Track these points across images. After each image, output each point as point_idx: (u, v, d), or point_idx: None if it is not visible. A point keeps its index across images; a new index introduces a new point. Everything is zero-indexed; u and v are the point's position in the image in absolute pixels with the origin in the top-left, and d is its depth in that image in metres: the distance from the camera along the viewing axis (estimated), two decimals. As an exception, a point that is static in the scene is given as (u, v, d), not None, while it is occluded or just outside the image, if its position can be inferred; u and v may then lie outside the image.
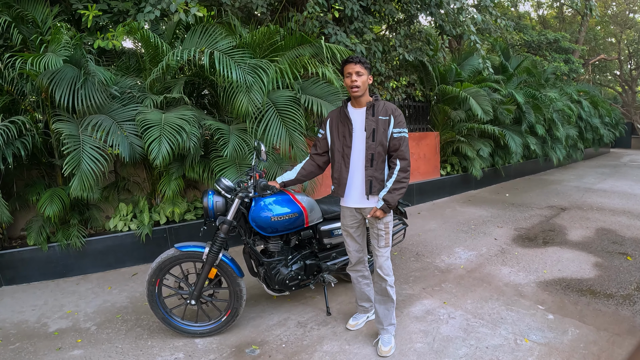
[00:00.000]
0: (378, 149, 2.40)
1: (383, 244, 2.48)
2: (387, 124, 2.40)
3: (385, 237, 2.47)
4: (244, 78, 3.68)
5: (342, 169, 2.48)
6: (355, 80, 2.34)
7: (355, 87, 2.35)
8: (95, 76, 3.51)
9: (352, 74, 2.35)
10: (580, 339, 2.68)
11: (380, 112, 2.40)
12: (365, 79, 2.37)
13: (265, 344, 2.67)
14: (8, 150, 3.41)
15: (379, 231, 2.46)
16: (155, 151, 3.42)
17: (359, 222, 2.59)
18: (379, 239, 2.48)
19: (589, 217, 5.83)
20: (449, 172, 7.79)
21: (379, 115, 2.40)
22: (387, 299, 2.55)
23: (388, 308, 2.58)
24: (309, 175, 2.70)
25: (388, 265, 2.51)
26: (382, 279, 2.51)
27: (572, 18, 17.77)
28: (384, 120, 2.39)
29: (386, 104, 2.45)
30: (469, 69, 7.85)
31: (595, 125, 12.08)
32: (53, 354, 2.65)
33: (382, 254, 2.49)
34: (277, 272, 2.79)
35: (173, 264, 2.62)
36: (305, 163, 2.70)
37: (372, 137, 2.38)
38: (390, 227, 2.49)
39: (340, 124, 2.49)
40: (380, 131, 2.39)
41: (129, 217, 4.29)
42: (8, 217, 3.53)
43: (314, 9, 4.66)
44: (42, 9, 3.95)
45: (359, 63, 2.35)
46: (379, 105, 2.42)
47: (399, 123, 2.41)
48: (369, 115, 2.40)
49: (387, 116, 2.40)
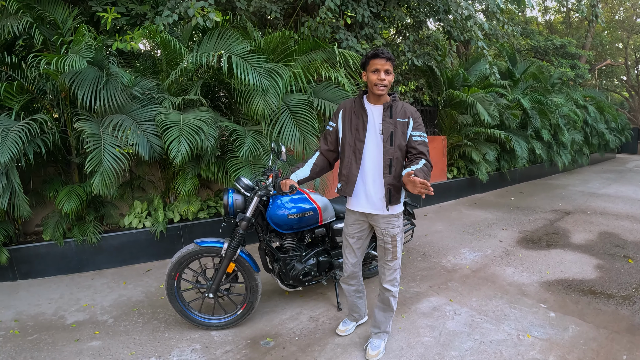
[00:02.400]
0: (397, 155, 2.23)
1: (390, 258, 2.36)
2: (405, 127, 2.23)
3: (392, 251, 2.35)
4: (260, 81, 3.80)
5: (352, 165, 2.29)
6: (384, 78, 2.15)
7: (383, 85, 2.17)
8: (118, 77, 3.64)
9: (381, 71, 2.15)
10: (580, 336, 2.78)
11: (399, 113, 2.23)
12: (391, 79, 2.19)
13: (279, 337, 2.78)
14: (29, 147, 3.52)
15: (386, 244, 2.34)
16: (175, 150, 3.54)
17: (362, 232, 2.45)
18: (385, 252, 2.36)
19: (592, 221, 5.91)
20: (456, 176, 7.88)
21: (397, 117, 2.22)
22: (388, 307, 2.48)
23: (387, 316, 2.52)
24: (320, 172, 2.52)
25: (396, 276, 2.40)
26: (386, 290, 2.42)
27: (579, 23, 17.83)
28: (402, 122, 2.23)
29: (405, 105, 2.29)
30: (476, 74, 7.94)
31: (601, 130, 12.12)
32: (72, 345, 2.73)
33: (390, 267, 2.38)
34: (292, 267, 2.90)
35: (192, 259, 2.73)
36: (317, 159, 2.51)
37: (389, 141, 2.20)
38: (398, 240, 2.35)
39: (354, 115, 2.30)
40: (399, 134, 2.22)
41: (143, 214, 4.41)
42: (28, 212, 3.64)
43: (326, 14, 4.79)
44: (62, 11, 4.06)
45: (390, 60, 2.15)
46: (397, 107, 2.25)
47: (418, 126, 2.25)
48: (386, 117, 2.22)
49: (405, 118, 2.23)
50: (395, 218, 2.34)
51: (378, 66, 2.15)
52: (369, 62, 2.19)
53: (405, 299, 3.34)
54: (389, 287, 2.41)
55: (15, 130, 3.35)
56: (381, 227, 2.33)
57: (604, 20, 8.15)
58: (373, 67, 2.16)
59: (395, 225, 2.34)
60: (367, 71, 2.21)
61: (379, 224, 2.34)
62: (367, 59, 2.20)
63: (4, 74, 3.89)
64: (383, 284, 2.44)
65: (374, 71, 2.16)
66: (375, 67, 2.16)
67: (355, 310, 2.80)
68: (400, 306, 3.20)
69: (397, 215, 2.35)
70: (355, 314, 2.82)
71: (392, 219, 2.33)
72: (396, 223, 2.34)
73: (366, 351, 2.52)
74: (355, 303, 2.75)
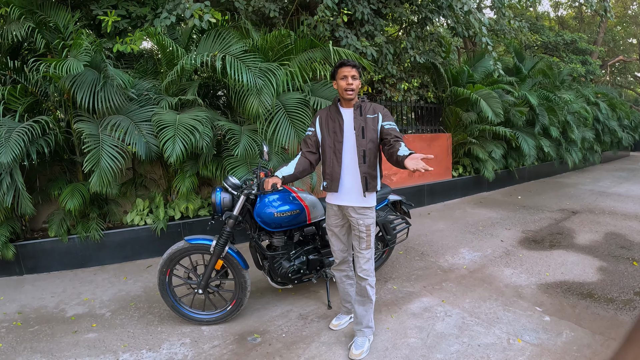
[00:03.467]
0: (369, 146, 2.41)
1: (364, 246, 2.50)
2: (375, 121, 2.42)
3: (366, 240, 2.48)
4: (254, 81, 3.84)
5: (334, 164, 2.47)
6: (351, 83, 2.37)
7: (351, 90, 2.38)
8: (114, 80, 3.72)
9: (349, 77, 2.37)
10: (574, 342, 2.70)
11: (368, 111, 2.44)
12: (358, 83, 2.41)
13: (266, 333, 2.82)
14: (32, 147, 3.64)
15: (360, 233, 2.48)
16: (169, 150, 3.62)
17: (342, 222, 2.60)
18: (360, 241, 2.50)
19: (599, 221, 5.79)
20: (461, 174, 7.80)
21: (366, 114, 2.43)
22: (366, 299, 2.56)
23: (366, 309, 2.58)
24: (303, 172, 2.63)
25: (370, 266, 2.52)
26: (362, 279, 2.53)
27: (591, 19, 17.39)
28: (372, 118, 2.42)
29: (373, 104, 2.48)
30: (482, 70, 7.84)
31: (613, 128, 11.82)
32: (69, 336, 2.85)
33: (363, 255, 2.51)
34: (279, 265, 2.94)
35: (183, 255, 2.80)
36: (299, 160, 2.62)
37: (362, 134, 2.40)
38: (372, 229, 2.50)
39: (330, 120, 2.50)
40: (370, 128, 2.41)
41: (145, 212, 4.51)
42: (31, 210, 3.77)
43: (324, 13, 4.79)
44: (64, 15, 4.17)
45: (355, 67, 2.37)
46: (366, 106, 2.46)
47: (387, 118, 2.44)
48: (357, 115, 2.43)
49: (375, 114, 2.43)
50: (369, 210, 2.49)
51: (345, 73, 2.37)
52: (337, 71, 2.41)
53: (397, 299, 3.33)
54: (364, 275, 2.52)
55: (18, 132, 3.47)
56: (355, 217, 2.48)
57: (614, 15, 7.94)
58: (341, 75, 2.38)
59: (370, 216, 2.49)
60: (336, 79, 2.43)
61: (354, 215, 2.49)
62: (335, 68, 2.43)
63: (8, 78, 4.02)
64: (358, 272, 2.55)
65: (343, 78, 2.38)
66: (343, 74, 2.38)
67: (347, 299, 2.86)
68: (390, 306, 3.20)
69: (370, 207, 2.49)
70: (348, 304, 2.89)
71: (365, 210, 2.48)
72: (370, 214, 2.49)
73: (350, 350, 2.54)
74: (347, 290, 2.83)
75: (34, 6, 4.04)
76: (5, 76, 4.02)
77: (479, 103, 6.56)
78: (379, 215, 3.42)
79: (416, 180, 6.97)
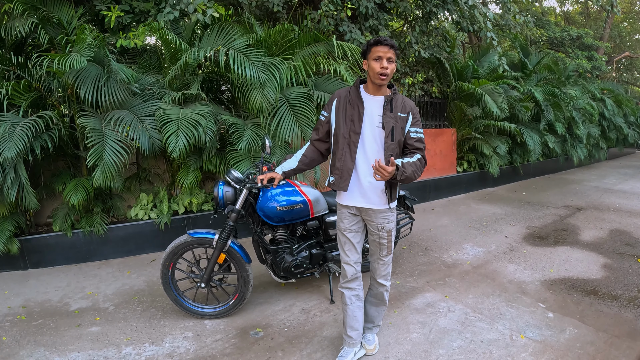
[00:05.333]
0: (396, 151, 2.14)
1: (385, 253, 2.28)
2: (405, 122, 2.13)
3: (387, 246, 2.27)
4: (258, 76, 3.82)
5: (346, 158, 2.15)
6: (387, 67, 2.00)
7: (384, 75, 2.02)
8: (117, 74, 3.72)
9: (384, 59, 2.00)
10: (577, 339, 2.69)
11: (399, 108, 2.13)
12: (394, 68, 2.05)
13: (269, 327, 2.83)
14: (36, 142, 3.63)
15: (381, 240, 2.25)
16: (172, 144, 3.61)
17: (358, 225, 2.30)
18: (380, 248, 2.28)
19: (604, 217, 5.74)
20: (466, 169, 7.76)
21: (397, 111, 2.11)
22: (381, 302, 2.45)
23: (379, 311, 2.50)
24: (311, 163, 2.41)
25: (389, 271, 2.36)
26: (381, 285, 2.37)
27: (598, 14, 17.20)
28: (402, 117, 2.12)
29: (404, 99, 2.18)
30: (487, 65, 7.77)
31: (618, 124, 11.70)
32: (73, 329, 2.87)
33: (384, 262, 2.31)
34: (282, 259, 2.94)
35: (185, 249, 2.80)
36: (306, 149, 2.40)
37: (391, 136, 2.09)
38: (392, 234, 2.28)
39: (349, 105, 2.16)
40: (399, 130, 2.11)
41: (149, 206, 4.52)
42: (35, 204, 3.78)
43: (328, 7, 4.77)
44: (67, 10, 4.16)
45: (393, 48, 2.01)
46: (398, 100, 2.13)
47: (416, 122, 2.16)
48: (387, 111, 2.09)
49: (405, 113, 2.13)
50: (391, 212, 2.25)
51: (380, 54, 2.00)
52: (370, 49, 2.03)
53: (400, 294, 3.33)
54: (384, 282, 2.35)
55: (22, 127, 3.47)
56: (377, 222, 2.22)
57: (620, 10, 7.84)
58: (375, 55, 2.01)
59: (391, 220, 2.26)
60: (368, 59, 2.06)
61: (375, 219, 2.22)
62: (368, 46, 2.05)
63: (12, 73, 4.03)
64: (378, 279, 2.36)
65: (376, 59, 2.01)
66: (377, 55, 2.01)
67: (355, 326, 2.40)
68: (393, 301, 3.20)
69: (392, 210, 2.26)
70: (354, 333, 2.41)
71: (388, 213, 2.23)
72: (392, 218, 2.26)
73: (362, 345, 2.51)
74: (355, 315, 2.39)
75: (38, 2, 4.03)
76: (9, 72, 4.03)
77: (484, 98, 6.51)
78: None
79: (421, 175, 6.94)
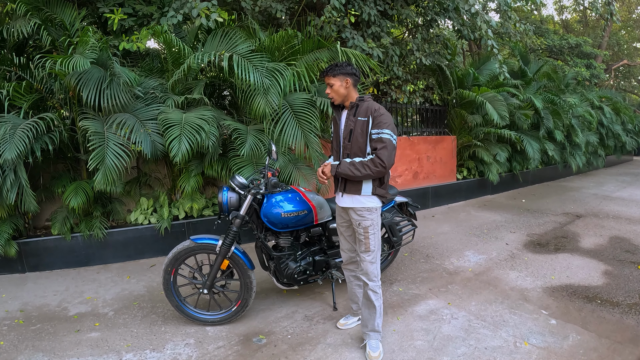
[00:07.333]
0: (354, 150, 2.42)
1: (363, 249, 2.49)
2: (365, 125, 2.38)
3: (364, 242, 2.47)
4: (262, 81, 3.82)
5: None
6: (328, 92, 2.47)
7: (332, 98, 2.49)
8: (120, 77, 3.71)
9: (328, 85, 2.46)
10: (580, 345, 2.69)
11: (361, 113, 2.41)
12: (337, 87, 2.42)
13: (272, 334, 2.80)
14: (37, 144, 3.62)
15: (359, 235, 2.49)
16: (175, 149, 3.60)
17: (346, 222, 2.63)
18: (359, 244, 2.52)
19: (604, 225, 5.76)
20: (466, 176, 7.78)
21: (359, 116, 2.40)
22: (369, 303, 2.53)
23: (370, 313, 2.55)
24: None
25: (371, 270, 2.49)
26: (364, 283, 2.53)
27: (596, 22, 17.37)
28: (362, 121, 2.38)
29: (369, 104, 2.42)
30: (487, 73, 7.82)
31: (617, 132, 11.78)
32: (72, 335, 2.83)
33: (363, 258, 2.50)
34: (285, 266, 2.92)
35: (188, 255, 2.78)
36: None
37: (348, 138, 2.43)
38: (370, 232, 2.46)
39: (335, 123, 2.59)
40: (358, 132, 2.39)
41: (149, 211, 4.49)
42: (35, 207, 3.75)
43: (331, 13, 4.78)
44: (70, 12, 4.16)
45: (327, 75, 2.43)
46: (362, 106, 2.43)
47: (377, 124, 2.35)
48: (350, 116, 2.45)
49: (365, 117, 2.38)
50: (367, 212, 2.45)
51: (326, 82, 2.47)
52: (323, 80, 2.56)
53: (403, 301, 3.31)
54: (365, 279, 2.51)
55: (22, 128, 3.45)
56: (355, 219, 2.49)
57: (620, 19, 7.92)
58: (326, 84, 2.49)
59: (367, 218, 2.45)
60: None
61: (353, 217, 2.49)
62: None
63: (13, 74, 4.01)
64: (360, 275, 2.56)
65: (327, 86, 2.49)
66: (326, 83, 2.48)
67: (354, 299, 2.86)
68: (396, 308, 3.18)
69: (368, 209, 2.45)
70: (355, 305, 2.88)
71: (363, 212, 2.45)
72: (368, 216, 2.45)
73: (367, 353, 2.52)
74: (354, 291, 2.84)
75: (40, 3, 4.03)
76: (10, 73, 4.01)
77: (485, 106, 6.54)
78: (385, 216, 3.40)
79: (420, 182, 6.96)
